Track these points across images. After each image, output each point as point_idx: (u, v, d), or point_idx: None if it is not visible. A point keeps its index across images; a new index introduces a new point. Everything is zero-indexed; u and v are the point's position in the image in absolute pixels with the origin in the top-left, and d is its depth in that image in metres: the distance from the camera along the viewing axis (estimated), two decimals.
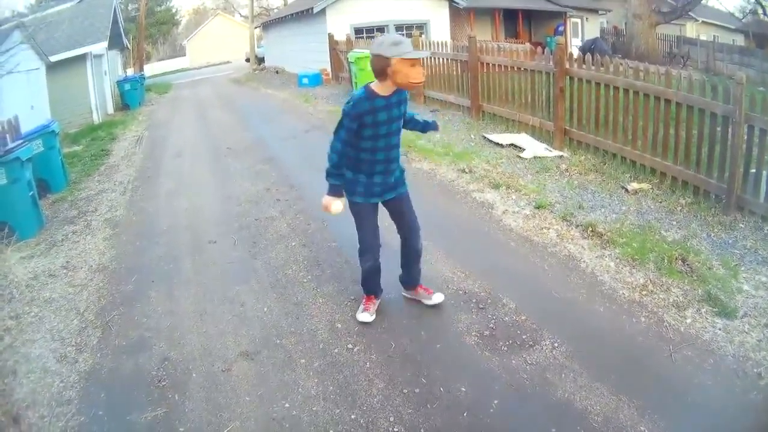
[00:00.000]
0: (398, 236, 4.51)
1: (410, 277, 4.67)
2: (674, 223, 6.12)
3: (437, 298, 4.64)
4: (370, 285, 4.61)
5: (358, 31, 21.53)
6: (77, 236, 7.05)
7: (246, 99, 20.65)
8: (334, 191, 4.14)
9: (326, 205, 4.14)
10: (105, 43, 18.43)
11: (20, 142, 7.79)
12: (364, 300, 4.65)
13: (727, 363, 3.85)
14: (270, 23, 33.37)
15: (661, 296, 4.67)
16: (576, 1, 30.95)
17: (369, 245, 4.37)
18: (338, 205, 4.14)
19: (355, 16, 21.57)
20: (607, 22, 35.05)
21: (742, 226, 5.90)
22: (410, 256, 4.53)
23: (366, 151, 4.08)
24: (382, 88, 3.98)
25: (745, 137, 5.98)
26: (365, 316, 4.52)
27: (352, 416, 3.54)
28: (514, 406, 3.54)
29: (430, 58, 13.24)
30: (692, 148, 6.73)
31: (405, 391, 3.72)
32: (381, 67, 3.90)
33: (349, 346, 4.25)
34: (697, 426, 3.34)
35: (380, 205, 4.36)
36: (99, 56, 18.99)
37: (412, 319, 4.52)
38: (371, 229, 4.33)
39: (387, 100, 3.99)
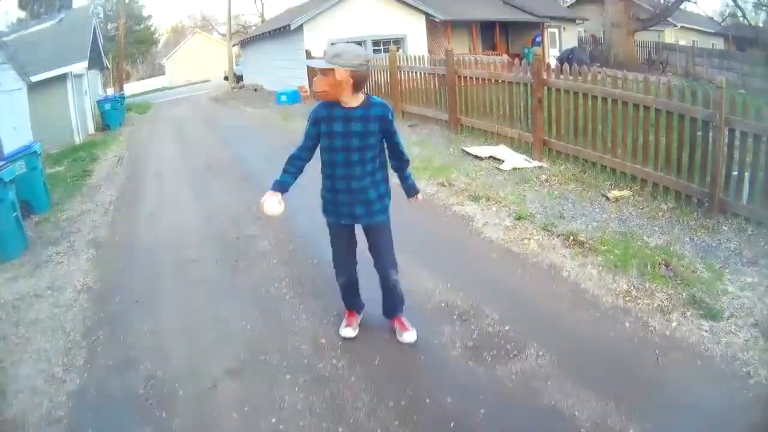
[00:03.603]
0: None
1: (386, 308, 4.50)
2: (656, 228, 6.16)
3: (408, 337, 4.34)
4: (348, 300, 4.56)
5: None
6: (61, 257, 6.99)
7: (225, 117, 20.64)
8: (273, 186, 3.96)
9: (261, 202, 3.89)
10: (85, 63, 18.35)
11: (3, 163, 7.74)
12: (345, 315, 4.61)
13: (715, 364, 3.89)
14: (248, 41, 33.43)
15: (645, 301, 4.71)
16: (553, 11, 31.32)
17: (339, 263, 4.33)
18: (271, 203, 3.86)
19: (332, 31, 21.45)
20: (585, 31, 35.43)
21: (726, 228, 5.97)
22: (384, 287, 4.35)
23: (326, 163, 3.98)
24: (348, 98, 3.83)
25: (726, 140, 6.05)
26: (347, 332, 4.49)
27: (339, 430, 3.53)
28: (501, 416, 3.55)
29: (408, 72, 13.28)
30: (673, 154, 6.79)
31: (391, 403, 3.71)
32: None
33: (334, 361, 4.23)
34: (687, 428, 3.36)
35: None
36: (79, 76, 18.93)
37: (395, 332, 4.50)
38: (341, 249, 4.26)
39: (347, 111, 3.82)
